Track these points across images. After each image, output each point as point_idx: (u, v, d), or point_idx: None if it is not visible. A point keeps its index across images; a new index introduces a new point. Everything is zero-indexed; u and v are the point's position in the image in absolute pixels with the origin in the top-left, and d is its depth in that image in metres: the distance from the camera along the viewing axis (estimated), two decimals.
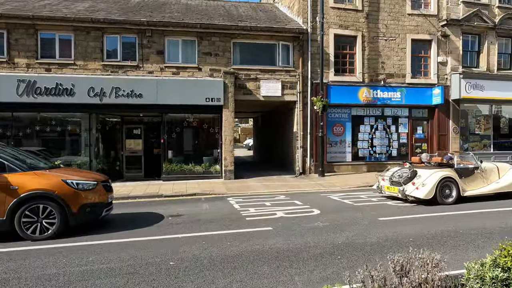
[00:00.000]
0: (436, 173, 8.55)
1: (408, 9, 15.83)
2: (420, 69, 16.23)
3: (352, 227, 6.27)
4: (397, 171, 9.35)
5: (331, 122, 15.34)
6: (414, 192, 8.35)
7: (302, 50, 14.77)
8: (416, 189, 8.33)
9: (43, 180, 6.01)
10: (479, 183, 9.11)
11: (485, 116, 17.29)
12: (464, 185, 8.81)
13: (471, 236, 5.61)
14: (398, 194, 8.66)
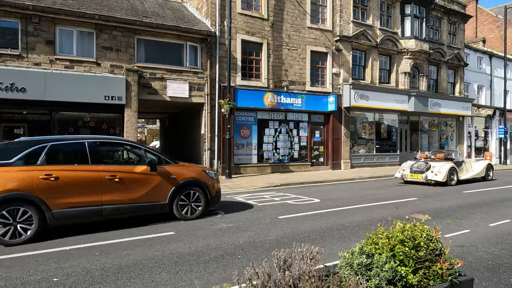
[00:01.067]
0: (445, 164, 12.58)
1: (308, 23, 17.24)
2: (318, 78, 17.80)
3: (254, 227, 6.50)
4: (414, 164, 13.27)
5: (238, 125, 15.71)
6: (434, 177, 12.24)
7: (210, 52, 14.81)
8: (435, 175, 12.24)
9: (192, 170, 7.51)
10: (464, 172, 13.57)
11: (370, 123, 19.86)
12: (459, 173, 13.07)
13: (355, 228, 6.34)
14: (421, 179, 12.49)
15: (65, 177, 5.94)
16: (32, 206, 5.64)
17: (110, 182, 6.30)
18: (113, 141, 7.53)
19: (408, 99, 20.05)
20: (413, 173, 12.93)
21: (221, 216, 7.53)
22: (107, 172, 6.31)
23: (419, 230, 2.32)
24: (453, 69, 23.78)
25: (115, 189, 6.36)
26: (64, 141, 6.53)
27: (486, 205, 8.75)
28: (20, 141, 6.26)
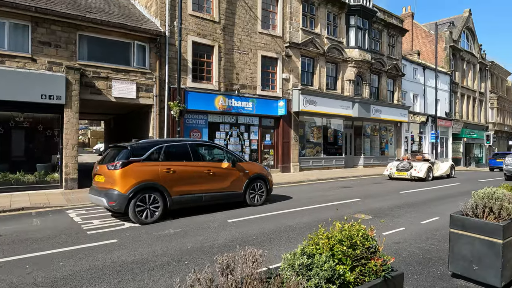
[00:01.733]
0: (424, 164, 15.95)
1: (259, 28, 17.51)
2: (268, 82, 18.13)
3: (203, 231, 6.41)
4: (400, 164, 16.47)
5: (188, 127, 15.43)
6: (417, 174, 15.54)
7: (160, 53, 14.40)
8: (418, 173, 15.58)
9: (257, 166, 9.60)
10: (436, 170, 16.84)
11: (318, 127, 20.65)
12: (433, 171, 16.42)
13: (302, 229, 6.53)
14: (407, 175, 15.74)
15: (178, 171, 7.70)
16: (158, 193, 7.33)
17: (207, 175, 8.14)
18: (205, 143, 9.82)
19: (352, 105, 21.19)
20: (399, 171, 16.20)
21: (170, 221, 7.32)
22: (204, 167, 8.20)
23: (356, 230, 2.45)
24: (392, 78, 25.64)
25: (210, 180, 8.20)
26: (173, 142, 8.34)
27: (420, 204, 9.52)
28: (144, 142, 7.96)
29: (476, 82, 38.03)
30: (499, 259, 3.83)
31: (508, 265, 3.96)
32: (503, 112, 44.67)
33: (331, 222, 2.83)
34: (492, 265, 3.88)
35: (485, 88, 40.10)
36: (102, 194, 7.23)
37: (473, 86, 37.38)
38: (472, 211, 4.33)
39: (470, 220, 4.18)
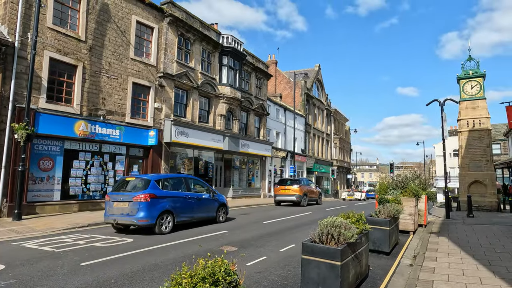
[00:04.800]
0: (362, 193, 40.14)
1: (132, 54, 16.87)
2: (139, 111, 17.36)
3: (47, 280, 5.40)
4: (350, 193, 39.22)
5: (38, 154, 13.23)
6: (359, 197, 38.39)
7: (4, 65, 12.18)
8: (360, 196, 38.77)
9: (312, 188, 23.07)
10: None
11: (189, 159, 20.65)
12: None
13: (167, 267, 6.23)
14: (353, 198, 36.96)
15: None
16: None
17: None
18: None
19: (223, 138, 22.15)
20: (350, 195, 35.02)
21: (0, 270, 5.90)
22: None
23: (219, 265, 2.51)
24: (259, 116, 28.15)
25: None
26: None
27: (280, 233, 10.41)
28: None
29: (324, 125, 45.26)
30: (338, 279, 4.48)
31: (345, 283, 4.66)
32: (343, 151, 54.15)
33: (194, 258, 2.82)
34: (333, 284, 4.50)
35: (330, 130, 48.06)
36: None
37: (322, 128, 44.30)
38: (319, 238, 4.98)
39: (317, 246, 4.80)
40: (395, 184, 12.29)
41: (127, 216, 9.62)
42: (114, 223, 10.05)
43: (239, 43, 24.02)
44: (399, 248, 8.47)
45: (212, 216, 11.98)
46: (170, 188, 10.58)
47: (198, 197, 11.45)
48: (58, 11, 14.09)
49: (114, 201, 10.00)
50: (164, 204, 9.95)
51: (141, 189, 9.84)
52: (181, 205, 10.60)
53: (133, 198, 9.62)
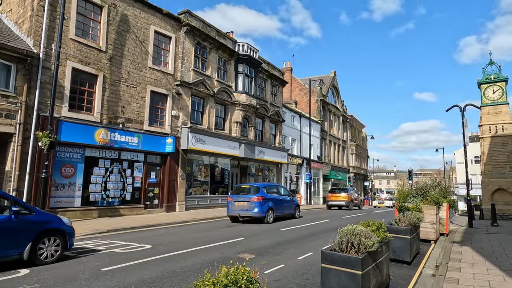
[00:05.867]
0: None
1: (150, 63, 17.24)
2: (157, 118, 17.67)
3: (70, 285, 5.52)
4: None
5: (60, 162, 13.61)
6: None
7: (30, 75, 12.65)
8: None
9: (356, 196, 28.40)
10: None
11: (205, 166, 20.80)
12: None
13: (186, 274, 6.27)
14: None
15: None
16: None
17: None
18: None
19: (239, 145, 22.24)
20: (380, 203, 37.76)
21: (24, 275, 6.08)
22: None
23: (241, 273, 2.51)
24: (274, 123, 28.16)
25: None
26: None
27: (297, 240, 10.32)
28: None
29: (340, 131, 44.84)
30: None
31: None
32: (360, 157, 53.42)
33: (217, 265, 2.83)
34: None
35: (346, 137, 47.55)
36: None
37: (338, 135, 43.89)
38: (338, 246, 4.92)
39: (337, 254, 4.73)
40: (414, 192, 12.01)
41: (246, 211, 14.43)
42: (238, 216, 14.82)
43: (254, 51, 24.21)
44: (420, 257, 8.25)
45: (291, 213, 16.61)
46: (270, 193, 15.43)
47: (285, 199, 16.29)
48: (80, 22, 14.58)
49: (236, 201, 14.85)
50: (269, 203, 14.73)
51: (255, 193, 14.63)
52: (277, 204, 15.32)
53: (251, 199, 14.45)
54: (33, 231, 6.79)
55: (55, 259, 7.07)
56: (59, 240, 7.20)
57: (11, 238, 6.47)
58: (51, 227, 7.13)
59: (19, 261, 6.62)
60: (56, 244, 7.15)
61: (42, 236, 6.93)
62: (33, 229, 6.80)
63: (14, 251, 6.51)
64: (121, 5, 16.03)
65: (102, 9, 15.28)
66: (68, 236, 7.38)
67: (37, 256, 6.82)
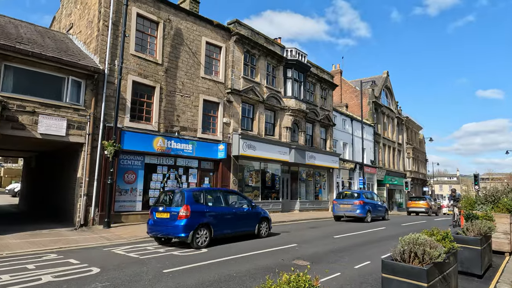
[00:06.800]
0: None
1: (202, 73, 17.94)
2: (209, 126, 18.28)
3: (135, 285, 5.89)
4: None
5: (123, 169, 14.63)
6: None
7: (96, 90, 13.83)
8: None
9: (433, 203, 31.07)
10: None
11: (256, 171, 21.02)
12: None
13: (242, 278, 6.36)
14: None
15: None
16: None
17: None
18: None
19: (289, 151, 22.16)
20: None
21: (96, 273, 6.61)
22: None
23: (303, 281, 2.50)
24: (325, 127, 27.65)
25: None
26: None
27: (352, 248, 9.97)
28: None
29: (395, 134, 42.69)
30: None
31: None
32: (417, 161, 50.32)
33: (272, 270, 2.84)
34: None
35: (402, 139, 45.12)
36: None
37: (392, 138, 41.83)
38: (400, 256, 4.67)
39: (399, 265, 4.49)
40: (483, 198, 11.01)
41: (350, 212, 18.48)
42: (344, 215, 18.91)
43: (303, 55, 24.08)
44: (493, 271, 7.52)
45: (382, 215, 20.97)
46: (368, 198, 19.56)
47: (376, 204, 20.38)
48: (139, 38, 15.66)
49: (341, 204, 19.08)
50: (367, 207, 18.66)
51: (357, 198, 18.79)
52: (373, 207, 19.43)
53: (354, 202, 18.51)
54: (257, 218, 11.59)
55: (266, 235, 11.79)
56: (267, 224, 11.98)
57: (249, 221, 11.36)
58: (264, 216, 11.85)
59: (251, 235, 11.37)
60: (266, 227, 11.91)
61: (260, 221, 11.64)
62: (257, 217, 11.60)
63: (250, 228, 11.34)
64: (175, 19, 16.94)
65: (158, 24, 16.27)
66: (270, 222, 12.12)
67: (259, 232, 11.54)
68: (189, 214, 9.40)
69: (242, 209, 11.37)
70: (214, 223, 9.97)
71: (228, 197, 11.35)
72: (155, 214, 10.08)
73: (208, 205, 10.21)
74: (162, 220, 9.83)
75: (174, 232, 9.42)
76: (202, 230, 9.61)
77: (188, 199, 9.67)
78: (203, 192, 10.43)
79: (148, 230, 10.28)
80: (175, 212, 9.52)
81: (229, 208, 10.94)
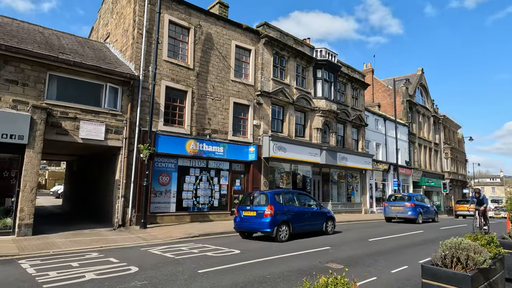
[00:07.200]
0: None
1: (232, 77, 18.16)
2: (240, 128, 18.45)
3: (172, 284, 6.06)
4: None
5: (157, 171, 15.09)
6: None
7: (132, 95, 14.39)
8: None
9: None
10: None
11: (287, 173, 20.92)
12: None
13: (276, 280, 6.36)
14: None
15: None
16: None
17: None
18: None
19: (320, 152, 21.88)
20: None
21: (135, 272, 6.86)
22: None
23: (341, 284, 2.47)
24: (356, 128, 27.04)
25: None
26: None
27: (388, 252, 9.67)
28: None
29: (431, 134, 40.92)
30: None
31: None
32: (456, 162, 47.91)
33: (306, 273, 2.82)
34: None
35: (439, 139, 43.16)
36: None
37: (428, 137, 40.13)
38: (441, 261, 4.47)
39: (440, 270, 4.31)
40: None
41: (402, 214, 19.17)
42: (396, 217, 19.87)
43: (333, 55, 23.72)
44: None
45: (432, 217, 21.58)
46: (419, 201, 20.11)
47: (426, 206, 21.09)
48: (171, 45, 16.13)
49: (392, 206, 19.84)
50: (419, 209, 19.17)
51: (408, 201, 19.46)
52: (424, 209, 20.25)
53: (405, 204, 19.41)
54: (324, 217, 13.18)
55: (332, 233, 13.29)
56: (333, 222, 13.53)
57: (319, 219, 12.96)
58: (329, 215, 13.41)
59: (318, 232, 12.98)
60: (332, 225, 13.43)
61: (327, 220, 13.21)
62: (324, 216, 13.18)
63: (320, 226, 12.96)
64: (205, 25, 17.29)
65: (189, 30, 16.68)
66: (334, 221, 13.64)
67: (326, 230, 13.12)
68: (273, 213, 11.03)
69: (312, 208, 13.03)
70: (292, 220, 11.61)
71: (300, 198, 13.01)
72: (242, 212, 11.77)
73: (286, 205, 11.82)
74: (249, 217, 11.49)
75: (260, 227, 11.12)
76: (283, 226, 11.26)
77: (271, 199, 11.32)
78: (281, 194, 12.07)
79: (235, 226, 12.05)
80: (261, 211, 11.17)
81: (303, 208, 12.68)
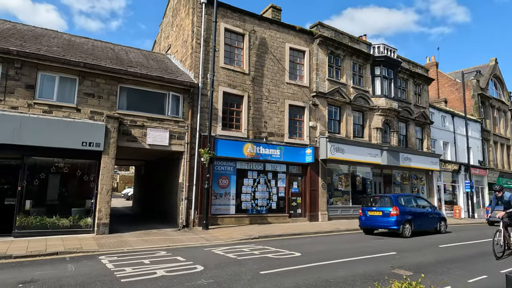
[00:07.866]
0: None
1: (287, 79, 18.18)
2: (296, 130, 18.37)
3: (236, 284, 6.22)
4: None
5: (217, 174, 15.62)
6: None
7: (192, 102, 15.12)
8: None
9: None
10: None
11: (346, 175, 20.31)
12: None
13: (339, 284, 6.21)
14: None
15: None
16: None
17: None
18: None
19: (380, 153, 20.89)
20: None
21: (201, 270, 7.18)
22: None
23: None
24: (420, 126, 25.34)
25: None
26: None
27: (462, 260, 8.90)
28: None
29: (509, 130, 36.81)
30: None
31: None
32: None
33: (373, 278, 2.71)
34: None
35: None
36: None
37: (506, 134, 36.16)
38: None
39: None
40: None
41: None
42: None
43: (392, 51, 22.57)
44: None
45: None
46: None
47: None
48: (227, 51, 16.66)
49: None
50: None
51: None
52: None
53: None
54: (437, 218, 14.98)
55: (444, 232, 14.93)
56: (445, 223, 15.21)
57: (432, 220, 14.78)
58: (441, 216, 15.24)
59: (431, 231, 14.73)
60: (444, 225, 15.11)
61: (440, 220, 14.98)
62: (437, 217, 15.00)
63: (434, 226, 14.78)
64: (259, 29, 17.57)
65: (244, 36, 17.09)
66: (446, 221, 15.36)
67: (440, 229, 14.83)
68: (398, 213, 12.96)
69: (427, 210, 14.76)
70: (413, 220, 13.46)
71: (417, 200, 15.03)
72: (367, 212, 13.91)
73: (407, 206, 13.73)
74: (375, 216, 13.62)
75: (388, 225, 13.12)
76: (407, 225, 13.18)
77: (395, 201, 13.39)
78: (402, 197, 14.24)
79: (361, 224, 14.25)
80: (387, 211, 13.18)
81: (420, 209, 14.41)
